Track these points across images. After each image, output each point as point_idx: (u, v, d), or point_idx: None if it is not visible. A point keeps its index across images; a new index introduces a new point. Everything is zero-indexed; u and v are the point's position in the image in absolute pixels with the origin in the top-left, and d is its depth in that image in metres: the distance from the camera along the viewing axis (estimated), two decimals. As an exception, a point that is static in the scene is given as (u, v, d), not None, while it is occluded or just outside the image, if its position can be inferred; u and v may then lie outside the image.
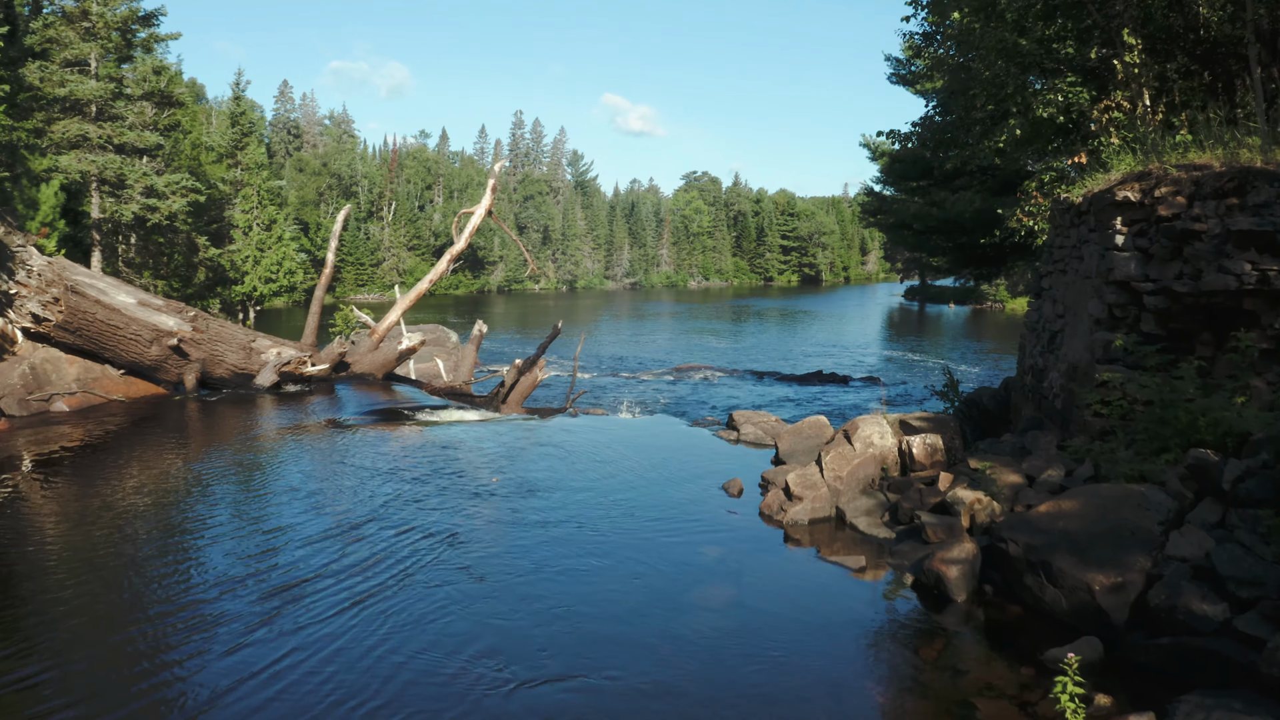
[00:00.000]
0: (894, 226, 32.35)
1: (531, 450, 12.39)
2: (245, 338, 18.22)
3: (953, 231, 27.96)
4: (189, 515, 9.08)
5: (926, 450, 9.31)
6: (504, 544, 8.22)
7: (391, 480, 10.33)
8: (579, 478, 10.66)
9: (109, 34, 30.32)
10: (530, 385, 20.42)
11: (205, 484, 10.28)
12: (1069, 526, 7.15)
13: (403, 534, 8.45)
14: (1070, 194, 10.47)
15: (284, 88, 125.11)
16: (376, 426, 14.46)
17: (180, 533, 8.49)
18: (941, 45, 14.69)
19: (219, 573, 7.30)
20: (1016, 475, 8.60)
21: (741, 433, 13.07)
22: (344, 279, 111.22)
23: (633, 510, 9.31)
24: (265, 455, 11.97)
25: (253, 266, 37.95)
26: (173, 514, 9.11)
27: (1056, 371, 10.59)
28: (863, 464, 9.32)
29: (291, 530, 8.45)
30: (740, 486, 10.09)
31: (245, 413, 15.79)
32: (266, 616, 6.49)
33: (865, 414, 10.11)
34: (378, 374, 19.15)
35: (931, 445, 9.32)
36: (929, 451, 9.31)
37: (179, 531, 8.52)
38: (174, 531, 8.51)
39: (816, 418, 11.45)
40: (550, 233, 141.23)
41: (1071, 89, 11.90)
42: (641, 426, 14.99)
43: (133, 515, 8.86)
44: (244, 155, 38.68)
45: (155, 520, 8.79)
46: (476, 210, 20.82)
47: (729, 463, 11.71)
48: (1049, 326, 11.33)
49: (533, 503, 9.55)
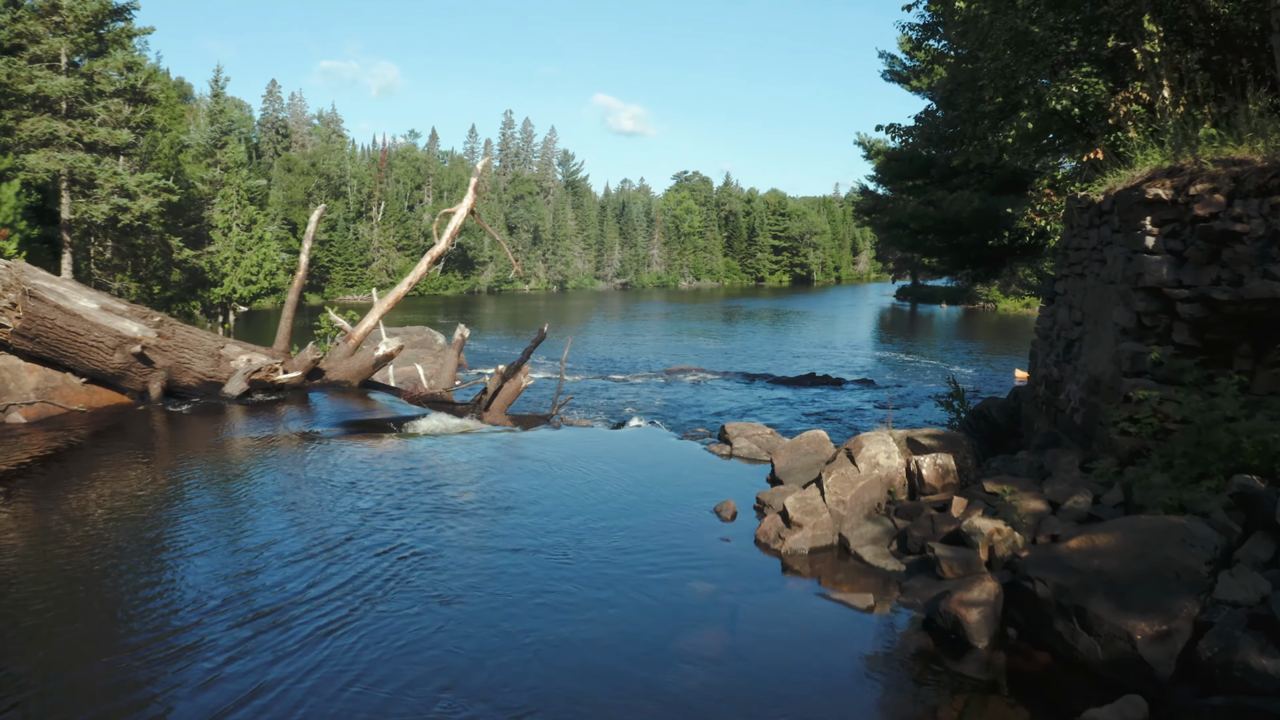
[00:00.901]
0: (889, 226, 31.57)
1: (510, 466, 11.57)
2: (213, 344, 17.37)
3: (950, 231, 27.23)
4: (154, 535, 8.47)
5: (937, 472, 8.51)
6: (476, 575, 7.40)
7: (359, 499, 9.53)
8: (558, 499, 9.84)
9: (79, 28, 29.31)
10: (514, 392, 19.60)
11: (171, 501, 9.62)
12: (1105, 566, 6.36)
13: (376, 556, 7.80)
14: (1090, 191, 9.68)
15: (272, 87, 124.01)
16: (349, 439, 13.66)
17: (145, 554, 7.91)
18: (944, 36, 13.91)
19: (188, 598, 6.79)
20: (1038, 501, 7.81)
21: (734, 446, 12.25)
22: (332, 279, 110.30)
23: (617, 538, 8.50)
24: (232, 471, 11.21)
25: (232, 268, 36.96)
26: (136, 534, 8.45)
27: (1075, 383, 9.80)
28: (868, 487, 8.52)
29: (262, 552, 7.86)
30: (733, 510, 9.27)
31: (213, 423, 14.99)
32: (240, 645, 5.99)
33: (868, 430, 9.29)
34: (354, 381, 18.30)
35: (943, 466, 8.52)
36: (940, 473, 8.51)
37: (144, 553, 7.93)
38: (139, 553, 7.91)
39: (815, 432, 10.65)
40: (541, 233, 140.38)
41: (1087, 80, 11.11)
42: (627, 439, 14.15)
43: (94, 535, 8.23)
44: (223, 154, 37.65)
45: (118, 541, 8.15)
46: (458, 210, 19.96)
47: (721, 481, 10.89)
48: (1065, 334, 10.55)
49: (508, 527, 8.73)
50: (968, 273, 32.10)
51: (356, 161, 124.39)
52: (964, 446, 8.93)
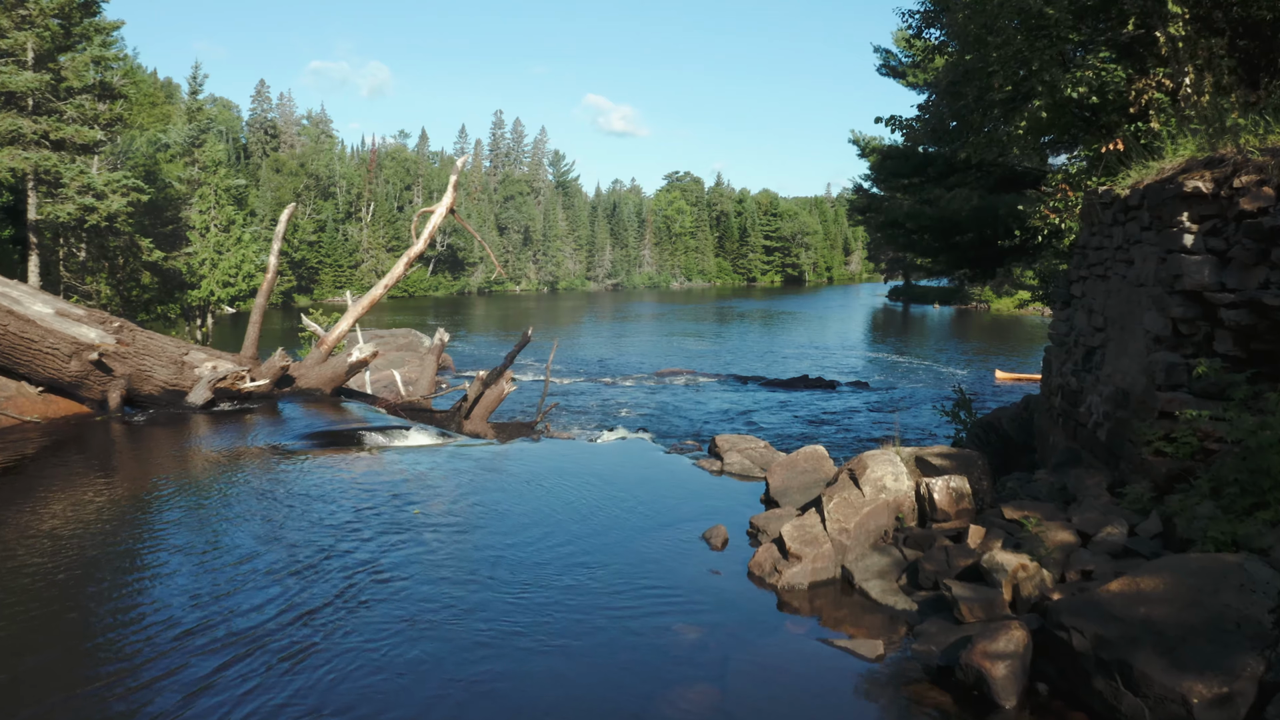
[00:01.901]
0: (884, 226, 30.62)
1: (483, 484, 10.69)
2: (176, 350, 16.46)
3: (947, 231, 26.33)
4: (113, 557, 7.85)
5: (950, 496, 7.65)
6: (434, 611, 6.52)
7: (318, 522, 8.70)
8: (532, 523, 8.95)
9: (46, 22, 28.24)
10: (496, 399, 18.73)
11: (130, 520, 8.93)
12: (1152, 614, 5.50)
13: (333, 581, 7.11)
14: (1114, 185, 8.83)
15: (261, 87, 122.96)
16: (315, 453, 12.80)
17: (104, 577, 7.29)
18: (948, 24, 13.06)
19: (151, 623, 6.28)
20: (1066, 532, 6.96)
21: (725, 462, 11.36)
22: (321, 281, 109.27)
23: (594, 571, 7.62)
24: (194, 488, 10.41)
25: (210, 270, 35.91)
26: (93, 556, 7.80)
27: (1097, 395, 8.96)
28: (874, 513, 7.66)
29: (224, 575, 7.27)
30: (724, 537, 8.40)
31: (175, 435, 14.13)
32: (207, 679, 5.51)
33: (866, 438, 8.41)
34: (326, 389, 17.39)
35: (956, 490, 7.67)
36: (953, 497, 7.66)
37: (103, 576, 7.32)
38: (97, 576, 7.34)
39: (813, 449, 9.79)
40: (531, 233, 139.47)
41: (1105, 66, 10.28)
42: (611, 453, 13.23)
43: (48, 557, 7.64)
44: (201, 152, 36.62)
45: (75, 563, 7.55)
46: (437, 209, 19.08)
47: (711, 502, 9.99)
48: (1083, 341, 9.70)
49: (474, 555, 7.85)
50: (965, 273, 31.21)
51: (346, 162, 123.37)
52: (979, 467, 8.07)
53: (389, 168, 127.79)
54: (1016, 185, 27.05)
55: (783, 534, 7.52)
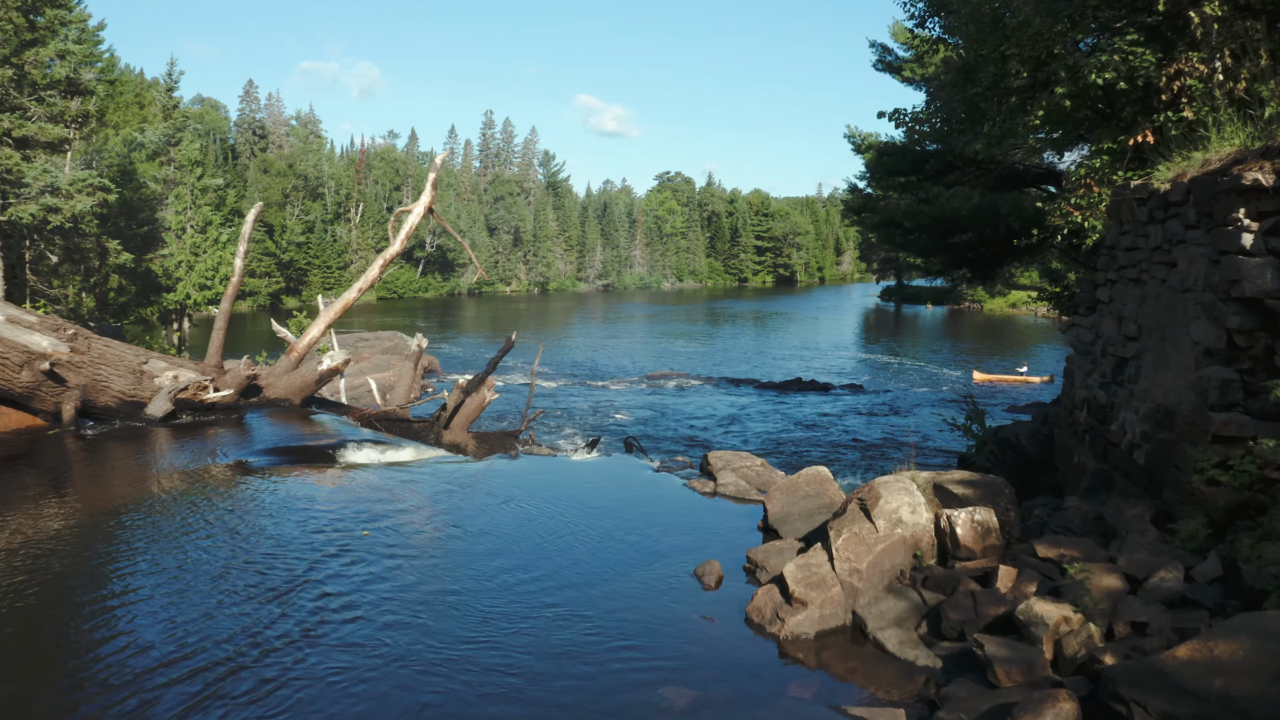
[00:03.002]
0: (880, 226, 29.74)
1: (454, 508, 9.75)
2: (135, 359, 15.46)
3: (946, 230, 25.44)
4: (67, 582, 7.21)
5: (975, 531, 6.74)
6: (372, 677, 5.59)
7: (273, 553, 7.86)
8: (504, 556, 8.02)
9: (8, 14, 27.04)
10: (477, 408, 17.77)
11: (79, 545, 8.15)
12: (1231, 688, 4.60)
13: (287, 618, 6.38)
14: (1152, 178, 7.93)
15: (249, 87, 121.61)
16: (280, 471, 11.90)
17: (60, 604, 6.77)
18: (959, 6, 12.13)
19: (103, 658, 5.78)
20: (1113, 576, 6.05)
21: (719, 482, 10.42)
22: (310, 282, 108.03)
23: (568, 620, 6.69)
24: (150, 510, 9.53)
25: (186, 272, 34.81)
26: (46, 581, 7.17)
27: (1131, 412, 8.06)
28: (888, 550, 6.74)
29: (180, 604, 6.70)
30: (718, 574, 7.48)
31: (131, 451, 13.17)
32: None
33: (885, 475, 7.50)
34: (295, 399, 16.41)
35: (982, 523, 6.76)
36: (979, 532, 6.75)
37: (58, 603, 6.79)
38: (52, 602, 6.78)
39: (815, 470, 8.87)
40: (521, 234, 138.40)
41: (1133, 49, 9.38)
42: (596, 472, 12.25)
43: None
44: (177, 152, 35.49)
45: (28, 589, 6.92)
46: (414, 208, 18.14)
47: (703, 530, 9.06)
48: (1113, 350, 8.81)
49: (436, 597, 6.92)
50: (963, 274, 30.35)
51: (334, 163, 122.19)
52: (1005, 496, 7.16)
53: (378, 168, 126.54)
54: (1018, 183, 26.20)
55: (785, 575, 6.60)
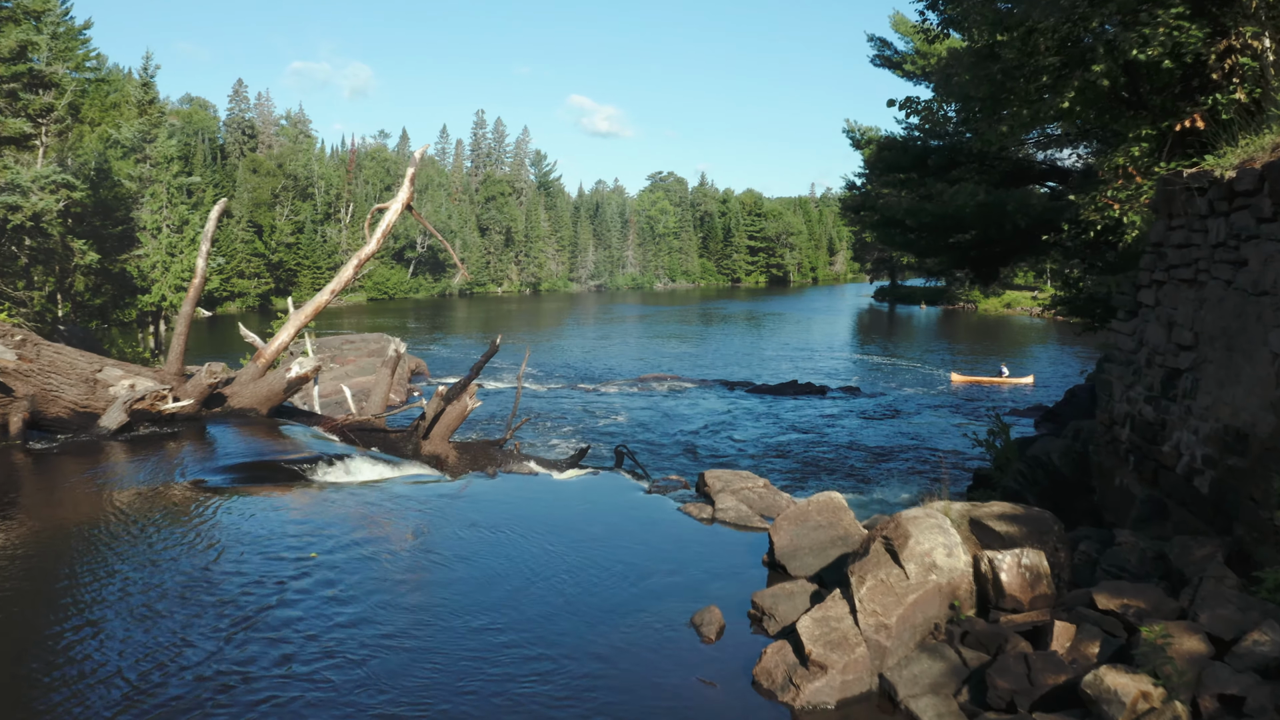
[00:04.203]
0: (880, 224, 28.70)
1: (424, 537, 8.70)
2: (89, 367, 14.38)
3: (949, 228, 24.44)
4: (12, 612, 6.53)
5: (1023, 578, 5.72)
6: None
7: (223, 587, 6.89)
8: (473, 596, 6.98)
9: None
10: (459, 416, 16.72)
11: (23, 573, 7.41)
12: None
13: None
14: (1213, 166, 6.92)
15: (238, 86, 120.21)
16: (239, 490, 10.93)
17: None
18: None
19: (45, 689, 5.33)
20: (1194, 637, 5.03)
21: (718, 506, 9.36)
22: (300, 283, 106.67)
23: (545, 675, 5.66)
24: (97, 534, 8.65)
25: (162, 273, 33.62)
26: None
27: (1191, 433, 7.05)
28: (921, 601, 5.72)
29: (131, 638, 6.10)
30: (719, 623, 6.44)
31: (81, 468, 12.11)
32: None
33: (913, 508, 6.45)
34: (262, 409, 15.32)
35: (1031, 569, 5.74)
36: (1027, 579, 5.73)
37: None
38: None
39: (827, 497, 7.83)
40: (513, 234, 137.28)
41: (1179, 23, 8.38)
42: (581, 495, 11.12)
43: None
44: (153, 148, 34.27)
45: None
46: (391, 205, 17.08)
47: (701, 564, 8.00)
48: (1162, 360, 7.80)
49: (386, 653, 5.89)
50: (966, 273, 29.34)
51: (325, 163, 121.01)
52: (1054, 533, 6.14)
53: (369, 168, 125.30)
54: (1024, 179, 25.24)
55: (800, 631, 5.57)
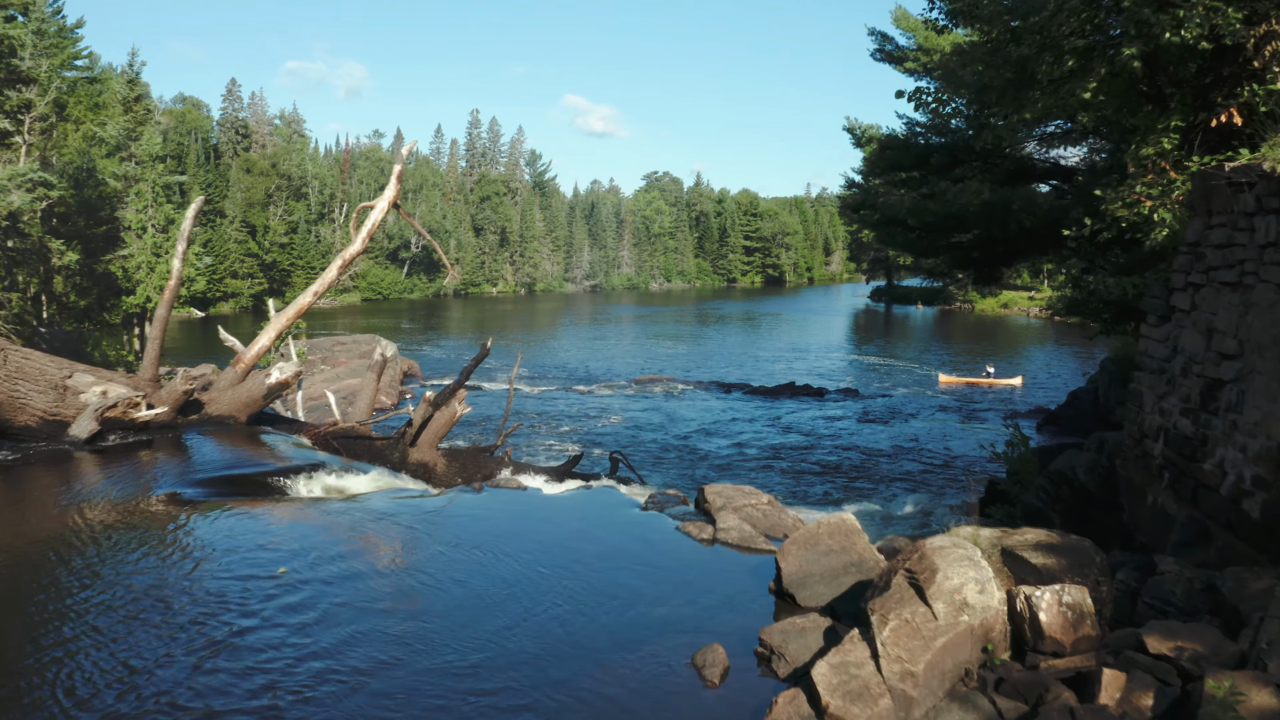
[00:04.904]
0: (881, 223, 28.15)
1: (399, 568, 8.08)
2: (58, 373, 13.72)
3: (952, 227, 23.90)
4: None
5: (1065, 618, 5.11)
6: None
7: (188, 614, 6.30)
8: (447, 635, 6.35)
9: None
10: (447, 422, 16.10)
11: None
12: None
13: None
14: (1262, 158, 6.32)
15: (232, 85, 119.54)
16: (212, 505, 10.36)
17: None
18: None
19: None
20: (1265, 691, 4.43)
21: (719, 525, 8.72)
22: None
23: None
24: (62, 553, 8.17)
25: (146, 274, 32.90)
26: None
27: (1237, 450, 6.44)
28: (952, 645, 5.10)
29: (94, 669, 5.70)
30: (724, 664, 5.81)
31: (48, 480, 11.54)
32: None
33: (937, 535, 5.82)
34: (241, 416, 14.67)
35: (1073, 607, 5.12)
36: (1069, 620, 5.11)
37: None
38: None
39: (839, 519, 7.21)
40: (508, 234, 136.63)
41: (1215, 4, 7.78)
42: (573, 511, 10.42)
43: None
44: (138, 146, 33.52)
45: None
46: (377, 204, 16.43)
47: (703, 593, 7.35)
48: (1200, 370, 7.19)
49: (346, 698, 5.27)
50: (969, 273, 28.80)
51: (319, 162, 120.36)
52: (1096, 565, 5.53)
53: (363, 168, 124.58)
54: (1027, 178, 24.72)
55: (815, 680, 4.95)
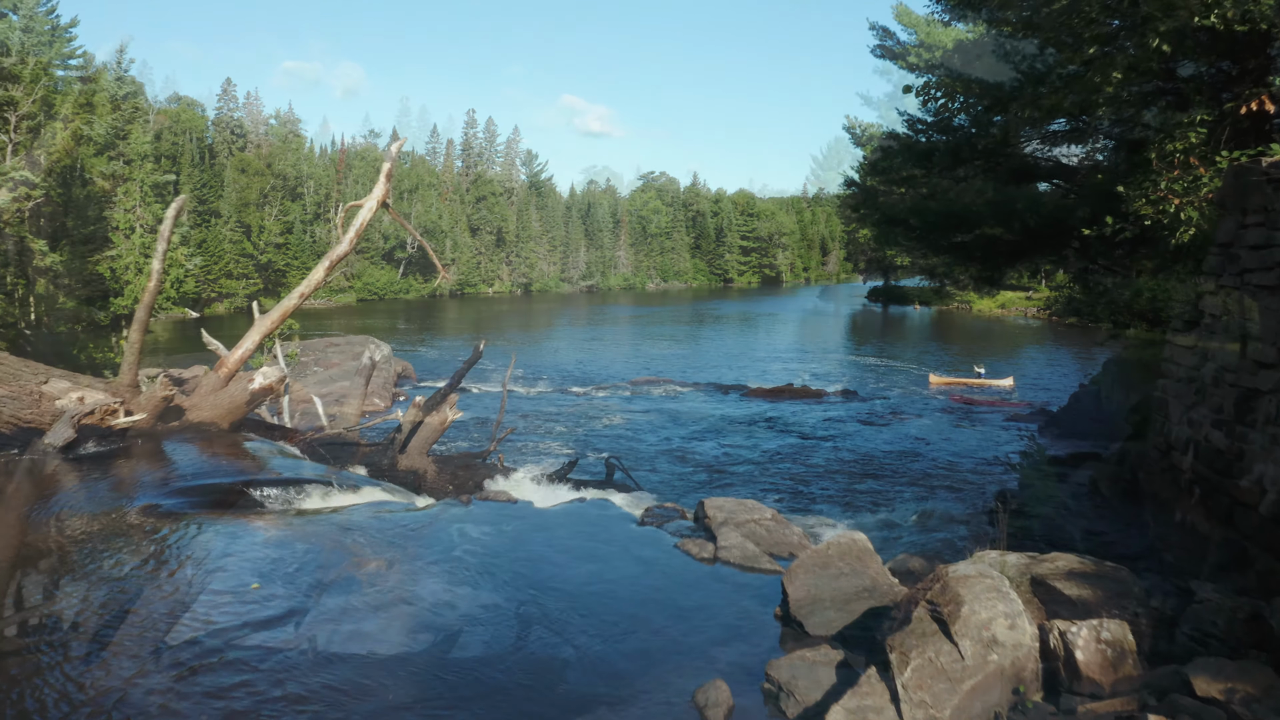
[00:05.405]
0: (882, 223, 27.65)
1: (381, 582, 7.60)
2: (33, 378, 13.21)
3: (954, 227, 23.41)
4: None
5: (1103, 656, 4.64)
6: None
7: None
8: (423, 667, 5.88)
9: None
10: (437, 428, 15.63)
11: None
12: None
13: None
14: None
15: (227, 85, 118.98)
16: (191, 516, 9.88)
17: None
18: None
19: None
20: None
21: (720, 543, 8.23)
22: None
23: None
24: (38, 568, 7.65)
25: (135, 275, 32.47)
26: None
27: (1277, 465, 5.98)
28: (980, 687, 4.63)
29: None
30: (728, 703, 5.33)
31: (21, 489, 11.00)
32: None
33: (960, 563, 5.35)
34: (223, 423, 14.17)
35: (1113, 644, 4.65)
36: (1108, 658, 4.64)
37: None
38: None
39: (850, 539, 6.74)
40: (504, 235, 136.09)
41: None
42: (565, 527, 9.90)
43: None
44: (126, 145, 33.08)
45: None
46: (366, 202, 15.92)
47: (704, 620, 6.86)
48: (1234, 379, 6.73)
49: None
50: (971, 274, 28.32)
51: (314, 162, 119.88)
52: (1135, 596, 5.06)
53: (359, 168, 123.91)
54: (1030, 177, 24.25)
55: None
